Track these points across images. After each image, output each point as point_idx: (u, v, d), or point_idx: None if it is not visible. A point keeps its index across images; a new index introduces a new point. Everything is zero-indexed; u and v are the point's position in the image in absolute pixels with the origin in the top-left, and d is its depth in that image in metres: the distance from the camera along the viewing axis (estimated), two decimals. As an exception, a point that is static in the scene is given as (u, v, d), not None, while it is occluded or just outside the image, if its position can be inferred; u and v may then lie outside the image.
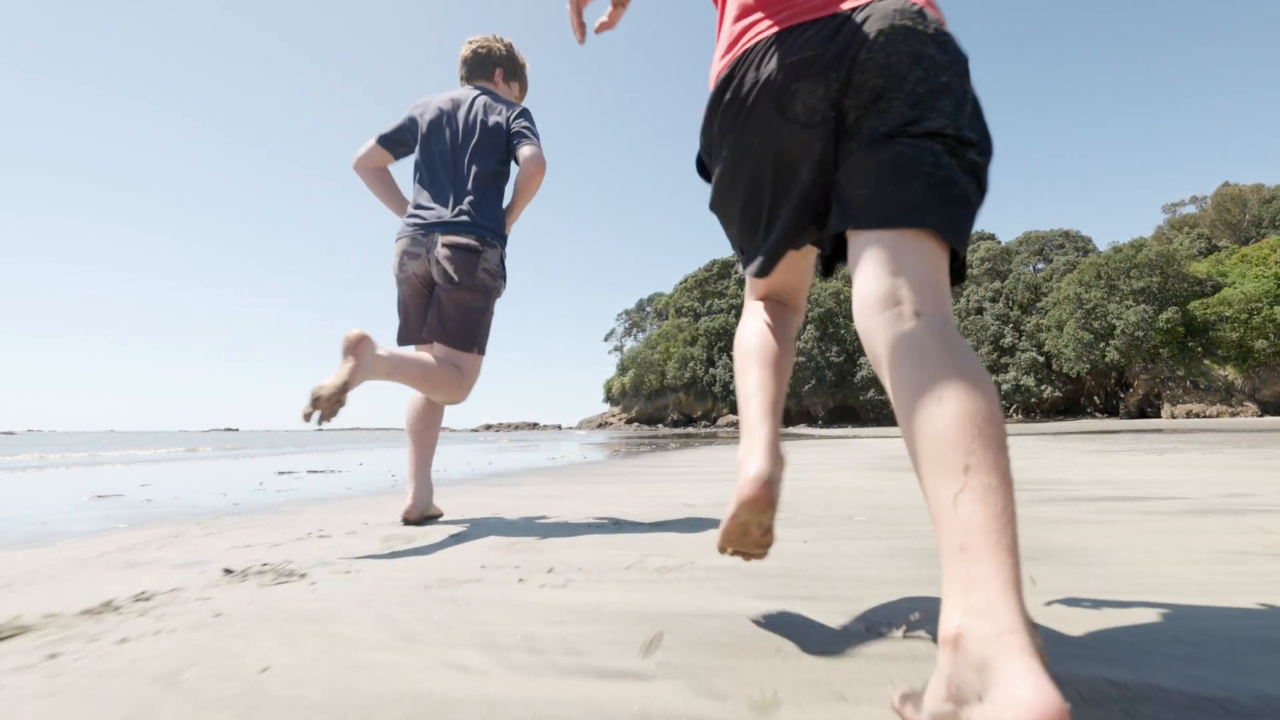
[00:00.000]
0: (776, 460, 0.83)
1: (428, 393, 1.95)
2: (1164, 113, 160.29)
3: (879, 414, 53.28)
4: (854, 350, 54.87)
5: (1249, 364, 41.15)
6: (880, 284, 0.70)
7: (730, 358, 56.38)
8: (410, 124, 2.15)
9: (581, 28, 1.05)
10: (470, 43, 2.28)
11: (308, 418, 1.44)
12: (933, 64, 0.76)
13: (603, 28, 1.08)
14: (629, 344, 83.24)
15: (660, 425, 63.34)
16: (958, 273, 0.78)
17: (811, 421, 55.39)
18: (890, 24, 0.76)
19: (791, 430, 36.33)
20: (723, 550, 0.87)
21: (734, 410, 56.43)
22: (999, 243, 62.01)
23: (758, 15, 0.86)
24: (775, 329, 0.99)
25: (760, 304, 1.04)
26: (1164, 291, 44.44)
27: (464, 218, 1.99)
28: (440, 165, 2.08)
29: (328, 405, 1.44)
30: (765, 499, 0.80)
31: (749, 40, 0.86)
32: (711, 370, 59.12)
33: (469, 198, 2.01)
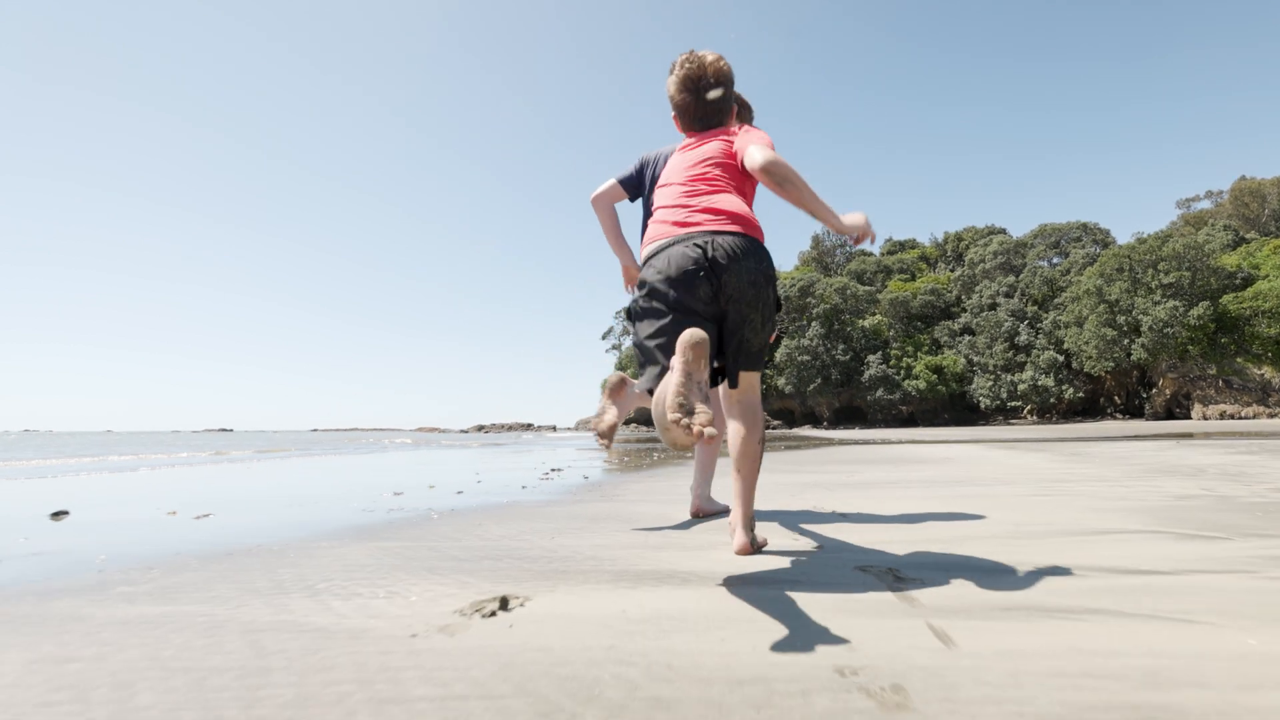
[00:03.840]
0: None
1: None
2: (1175, 108, 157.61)
3: (886, 414, 50.73)
4: (861, 348, 52.29)
5: (1289, 361, 38.73)
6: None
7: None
8: (641, 168, 2.30)
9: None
10: None
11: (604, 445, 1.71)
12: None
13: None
14: (627, 342, 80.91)
15: (659, 426, 60.87)
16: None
17: (816, 422, 52.81)
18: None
19: (798, 432, 33.62)
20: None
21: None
22: (1011, 237, 59.40)
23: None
24: None
25: None
26: (1193, 286, 42.05)
27: None
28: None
29: (606, 440, 1.65)
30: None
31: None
32: (713, 369, 56.37)
33: None
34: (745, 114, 2.39)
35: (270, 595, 1.30)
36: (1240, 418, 39.48)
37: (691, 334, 1.23)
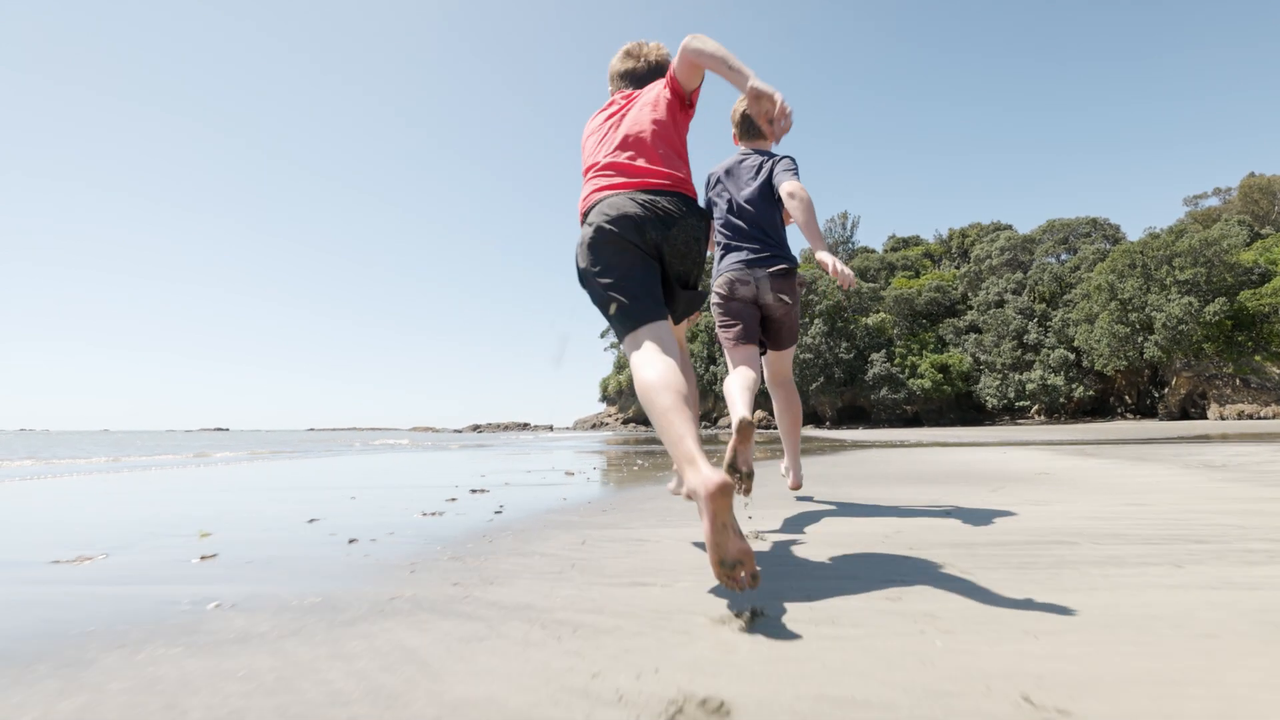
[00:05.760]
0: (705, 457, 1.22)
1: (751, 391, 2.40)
2: (1180, 106, 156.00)
3: (890, 414, 49.09)
4: (865, 346, 50.65)
5: (1309, 360, 37.23)
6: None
7: (732, 354, 52.36)
8: (708, 191, 2.67)
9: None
10: (740, 104, 2.69)
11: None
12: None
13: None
14: (624, 341, 78.85)
15: (656, 426, 59.24)
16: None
17: (819, 422, 51.14)
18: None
19: (801, 432, 31.87)
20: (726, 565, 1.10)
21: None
22: (1018, 233, 57.69)
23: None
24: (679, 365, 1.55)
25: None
26: (1209, 282, 40.53)
27: (780, 252, 2.52)
28: (744, 216, 2.53)
29: (745, 488, 1.95)
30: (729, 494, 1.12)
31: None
32: (713, 368, 54.79)
33: (778, 239, 2.56)
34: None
35: None
36: (1259, 418, 37.95)
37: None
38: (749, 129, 2.64)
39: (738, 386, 2.30)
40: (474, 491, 3.59)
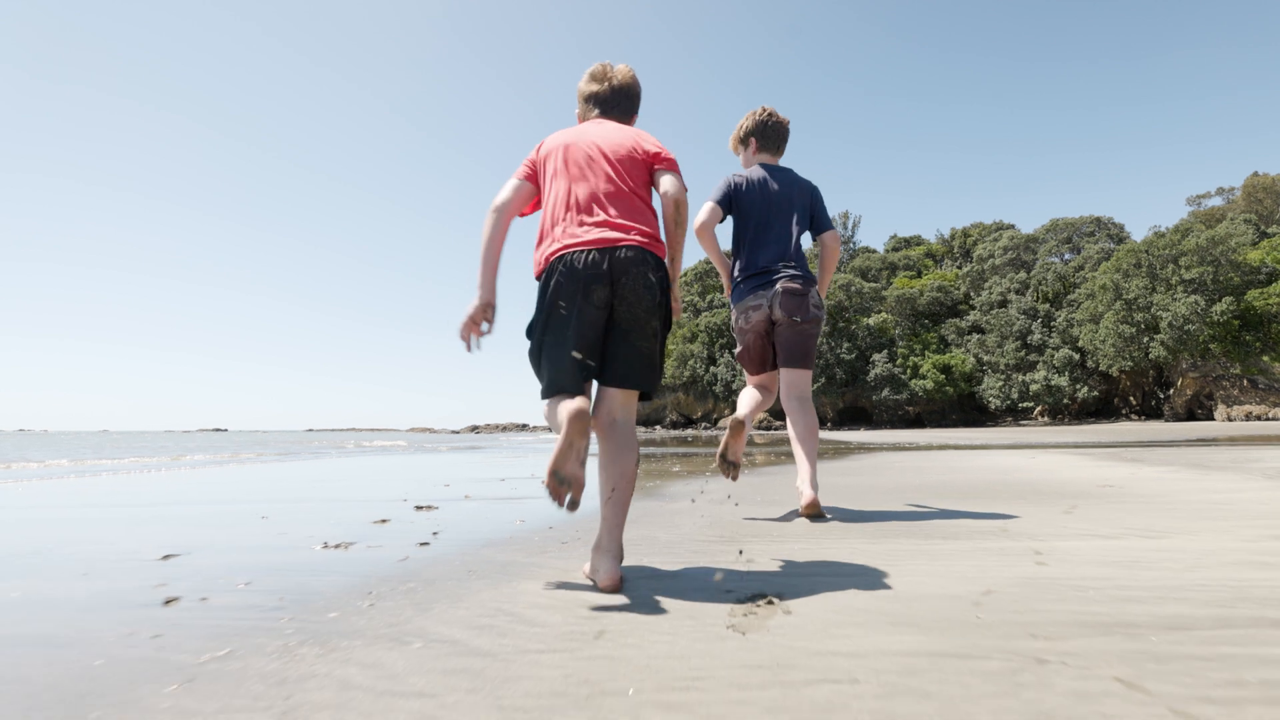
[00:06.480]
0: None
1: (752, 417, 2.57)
2: (1183, 106, 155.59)
3: (892, 415, 48.50)
4: (866, 347, 50.05)
5: (1318, 360, 36.64)
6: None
7: (732, 355, 52.02)
8: (732, 190, 2.61)
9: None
10: (767, 115, 2.71)
11: (731, 475, 2.45)
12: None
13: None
14: (623, 341, 78.35)
15: (658, 426, 58.77)
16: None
17: (820, 423, 50.51)
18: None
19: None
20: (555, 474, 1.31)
21: (736, 411, 51.53)
22: (1021, 232, 57.03)
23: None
24: None
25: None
26: (1215, 281, 39.91)
27: (795, 271, 2.56)
28: (767, 230, 2.60)
29: (733, 476, 2.29)
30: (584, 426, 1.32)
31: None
32: (713, 369, 54.17)
33: (797, 260, 2.60)
34: (776, 138, 2.68)
35: None
36: (1268, 419, 37.36)
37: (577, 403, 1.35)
38: (767, 143, 2.69)
39: (744, 396, 2.62)
40: (419, 508, 2.94)
